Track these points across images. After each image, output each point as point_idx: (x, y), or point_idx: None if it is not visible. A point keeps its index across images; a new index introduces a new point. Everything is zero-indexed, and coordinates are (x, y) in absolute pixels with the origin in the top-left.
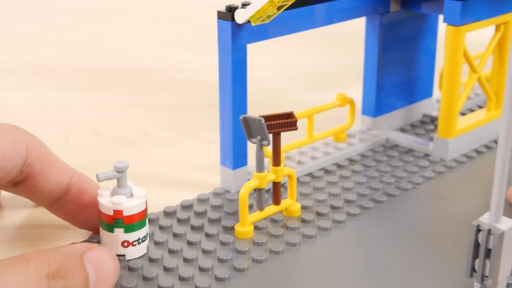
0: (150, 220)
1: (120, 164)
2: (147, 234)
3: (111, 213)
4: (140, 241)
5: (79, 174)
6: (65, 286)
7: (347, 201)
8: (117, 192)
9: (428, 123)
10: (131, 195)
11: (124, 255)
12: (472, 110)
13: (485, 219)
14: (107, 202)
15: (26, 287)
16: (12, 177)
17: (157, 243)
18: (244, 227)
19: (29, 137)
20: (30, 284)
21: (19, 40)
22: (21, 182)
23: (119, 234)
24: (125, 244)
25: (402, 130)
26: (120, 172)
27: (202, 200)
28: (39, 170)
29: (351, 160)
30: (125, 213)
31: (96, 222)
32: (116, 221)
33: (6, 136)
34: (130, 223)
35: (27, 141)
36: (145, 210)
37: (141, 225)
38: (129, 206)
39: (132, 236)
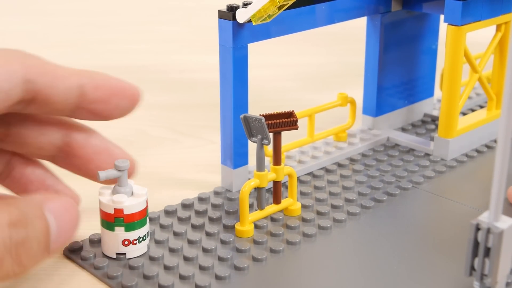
0: (150, 219)
1: (121, 163)
2: (147, 232)
3: (112, 212)
4: (141, 239)
5: (86, 73)
6: (27, 235)
7: (348, 200)
8: (118, 191)
9: (429, 123)
10: (132, 193)
11: (124, 254)
12: (473, 110)
13: (484, 218)
14: (108, 200)
15: None
16: (17, 98)
17: (157, 242)
18: (245, 226)
19: (22, 54)
20: None
21: (19, 40)
22: (32, 101)
23: (120, 232)
24: (126, 242)
25: (403, 129)
26: (120, 171)
27: (202, 199)
28: (44, 83)
29: (352, 160)
30: (125, 212)
31: (123, 109)
32: (116, 219)
33: None
34: (131, 221)
35: (21, 58)
36: (146, 209)
37: (142, 224)
38: (130, 205)
39: (133, 234)
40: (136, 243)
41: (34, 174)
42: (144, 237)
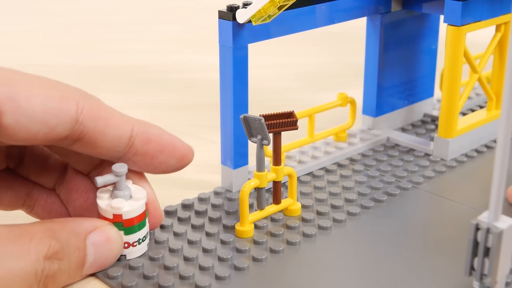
0: None
1: (118, 168)
2: (147, 233)
3: (111, 217)
4: (141, 241)
5: (140, 124)
6: (59, 268)
7: (348, 201)
8: (116, 195)
9: (429, 123)
10: (130, 196)
11: (125, 255)
12: (472, 110)
13: (484, 218)
14: (107, 206)
15: (22, 268)
16: (61, 136)
17: (157, 242)
18: (245, 226)
19: (79, 94)
20: (26, 265)
21: (19, 40)
22: (79, 140)
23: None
24: (126, 245)
25: (403, 129)
26: (118, 176)
27: (202, 199)
28: (94, 128)
29: (352, 160)
30: (124, 217)
31: (169, 166)
32: (115, 224)
33: (52, 90)
34: (130, 225)
35: (77, 97)
36: (145, 212)
37: (141, 226)
38: (128, 210)
39: (133, 237)
40: (136, 245)
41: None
42: (144, 238)
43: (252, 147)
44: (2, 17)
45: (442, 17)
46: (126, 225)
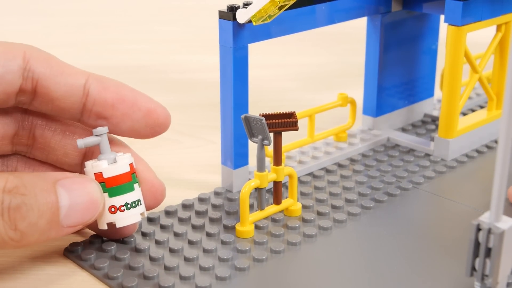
0: (151, 220)
1: (99, 128)
2: (138, 200)
3: (93, 177)
4: (129, 206)
5: (96, 75)
6: (23, 202)
7: (348, 201)
8: (100, 158)
9: (429, 123)
10: (115, 160)
11: (114, 223)
12: (473, 110)
13: (485, 218)
14: (89, 167)
15: None
16: (15, 87)
17: (158, 242)
18: (245, 227)
19: (27, 47)
20: None
21: (19, 40)
22: (34, 93)
23: (105, 199)
24: (112, 209)
25: (403, 130)
26: (99, 136)
27: (202, 200)
28: (44, 74)
29: (352, 160)
30: (105, 175)
31: (136, 122)
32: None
33: None
34: (114, 185)
35: (23, 48)
36: (131, 173)
37: (128, 189)
38: (109, 168)
39: (118, 200)
40: (124, 210)
41: None
42: (134, 204)
43: (252, 147)
44: (2, 17)
45: (442, 17)
46: (109, 185)
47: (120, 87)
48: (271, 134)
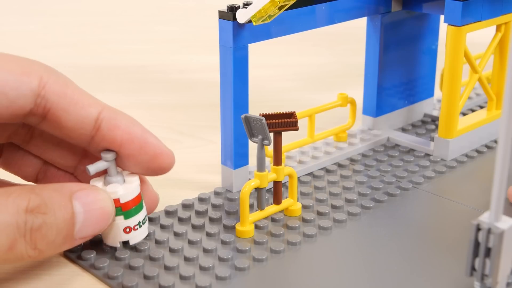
0: (151, 219)
1: (107, 153)
2: (145, 216)
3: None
4: (141, 223)
5: (110, 110)
6: (44, 222)
7: (348, 201)
8: (110, 181)
9: (429, 123)
10: (124, 181)
11: (128, 241)
12: (473, 110)
13: (485, 218)
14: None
15: (2, 219)
16: (25, 110)
17: (158, 242)
18: (245, 226)
19: (44, 69)
20: (6, 217)
21: (19, 40)
22: (45, 118)
23: (120, 221)
24: (127, 230)
25: (403, 130)
26: (109, 161)
27: (202, 200)
28: (57, 104)
29: (352, 160)
30: (122, 201)
31: (141, 163)
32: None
33: (12, 64)
34: (129, 209)
35: (41, 72)
36: (140, 194)
37: (139, 209)
38: (125, 193)
39: (133, 221)
40: (137, 228)
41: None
42: (144, 221)
43: (252, 147)
44: (2, 17)
45: (442, 17)
46: (125, 209)
47: (131, 127)
48: (271, 134)
